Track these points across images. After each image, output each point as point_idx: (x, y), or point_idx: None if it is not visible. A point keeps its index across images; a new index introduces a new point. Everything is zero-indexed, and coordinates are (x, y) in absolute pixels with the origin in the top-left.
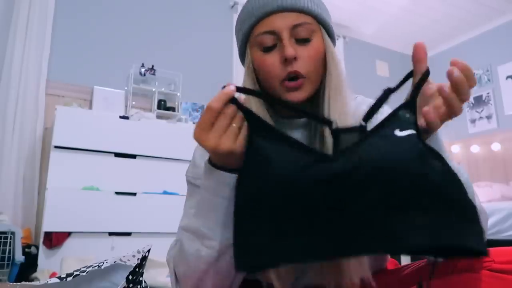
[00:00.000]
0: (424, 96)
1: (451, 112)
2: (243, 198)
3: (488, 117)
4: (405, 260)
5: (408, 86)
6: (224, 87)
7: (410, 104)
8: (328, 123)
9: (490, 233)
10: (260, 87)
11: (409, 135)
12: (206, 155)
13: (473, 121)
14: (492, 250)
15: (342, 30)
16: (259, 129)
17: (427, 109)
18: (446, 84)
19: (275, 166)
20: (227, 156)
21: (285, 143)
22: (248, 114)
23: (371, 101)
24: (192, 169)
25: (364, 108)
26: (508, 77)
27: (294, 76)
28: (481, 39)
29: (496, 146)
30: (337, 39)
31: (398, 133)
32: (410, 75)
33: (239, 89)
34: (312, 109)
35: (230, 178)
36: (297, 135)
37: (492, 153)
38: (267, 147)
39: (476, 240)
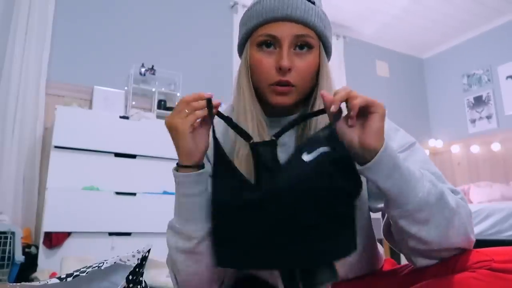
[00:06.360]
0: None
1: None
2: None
3: (488, 117)
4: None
5: (406, 87)
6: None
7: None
8: (248, 138)
9: (490, 233)
10: (250, 81)
11: (316, 157)
12: None
13: (473, 121)
14: (491, 249)
15: (342, 30)
16: (217, 153)
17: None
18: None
19: (217, 191)
20: (177, 136)
21: (228, 170)
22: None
23: None
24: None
25: None
26: (508, 77)
27: (284, 83)
28: (481, 39)
29: (496, 146)
30: (337, 39)
31: (305, 157)
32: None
33: (219, 114)
34: (304, 104)
35: (185, 177)
36: (289, 132)
37: (492, 153)
38: (217, 173)
39: (344, 246)
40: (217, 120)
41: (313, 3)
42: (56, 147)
